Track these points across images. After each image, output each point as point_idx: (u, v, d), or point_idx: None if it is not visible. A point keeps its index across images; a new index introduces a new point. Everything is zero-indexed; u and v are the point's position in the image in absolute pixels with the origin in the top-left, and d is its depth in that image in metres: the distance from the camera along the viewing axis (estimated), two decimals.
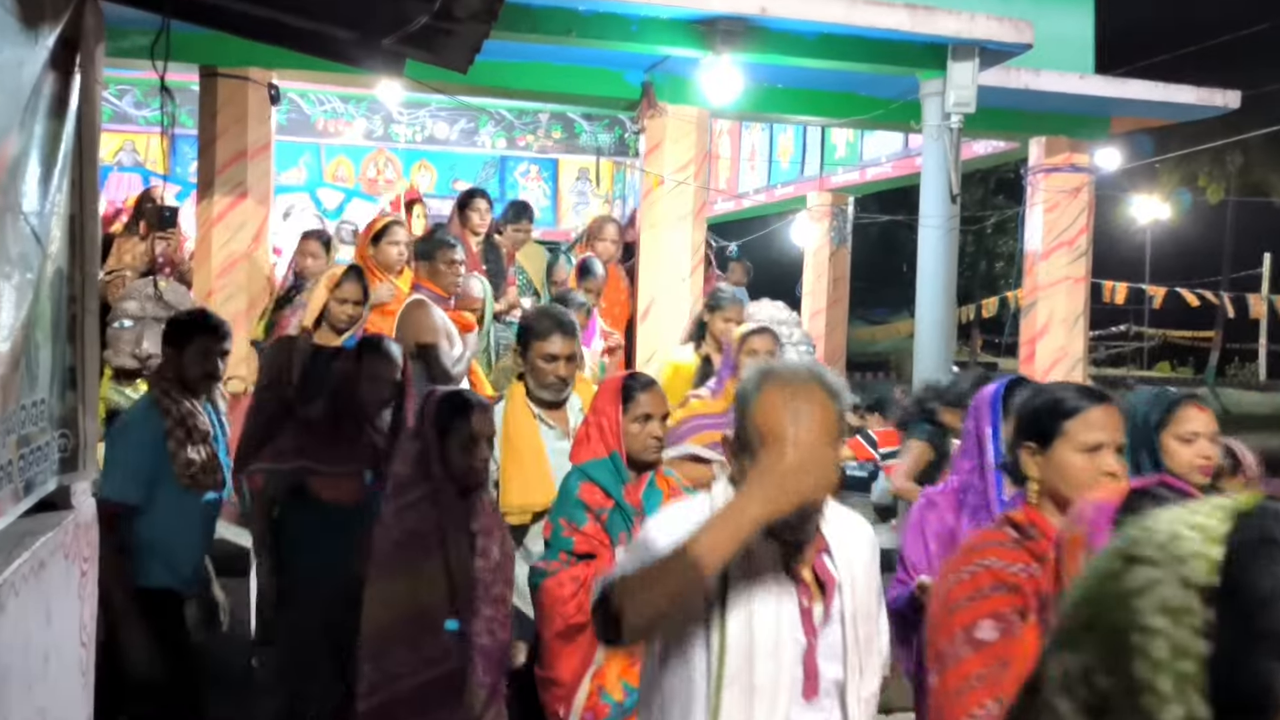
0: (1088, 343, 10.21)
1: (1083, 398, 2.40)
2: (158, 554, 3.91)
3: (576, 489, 3.37)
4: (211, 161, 7.53)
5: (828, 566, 2.21)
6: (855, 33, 7.15)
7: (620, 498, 3.36)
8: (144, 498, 3.87)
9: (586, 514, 3.33)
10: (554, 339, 4.01)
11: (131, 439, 3.97)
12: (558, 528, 3.36)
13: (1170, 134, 15.43)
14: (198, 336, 4.06)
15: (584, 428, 3.56)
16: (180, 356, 4.03)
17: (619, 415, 3.45)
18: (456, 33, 3.72)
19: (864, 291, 25.36)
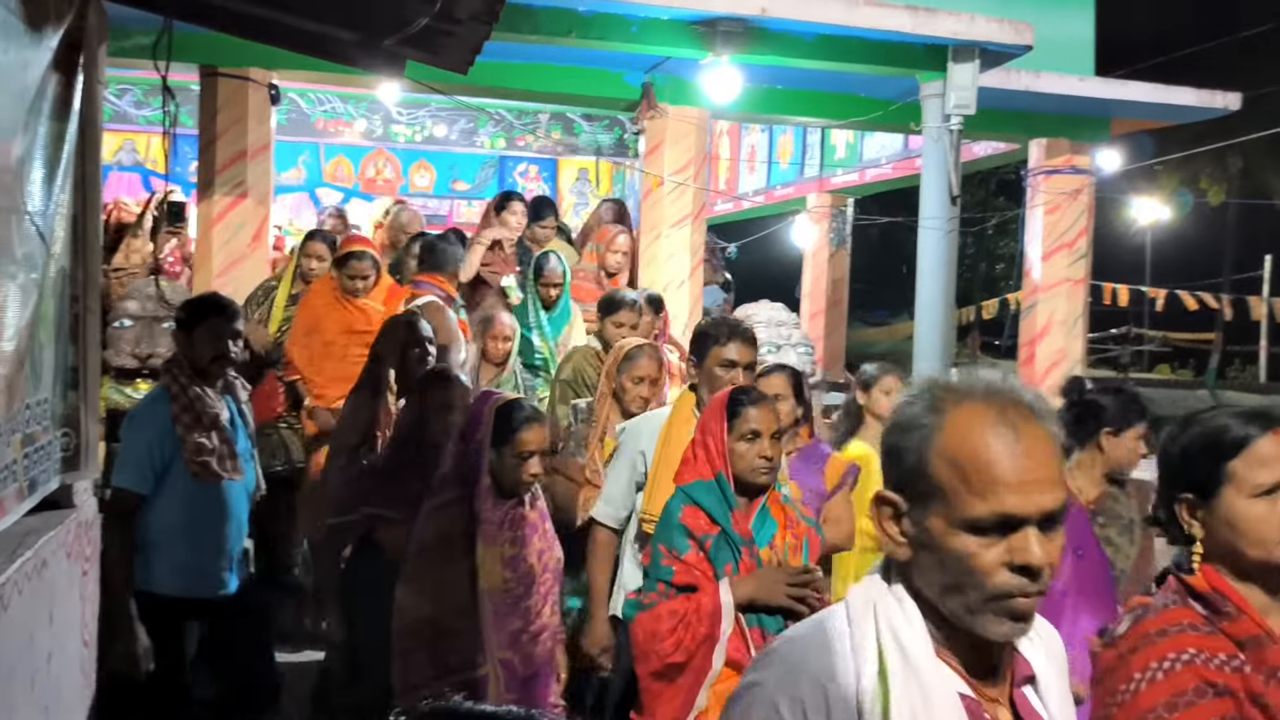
0: (1086, 344, 10.21)
1: (1248, 424, 1.92)
2: (163, 554, 3.79)
3: (679, 513, 3.11)
4: (211, 161, 7.54)
5: (1033, 705, 1.50)
6: (855, 34, 7.16)
7: (727, 524, 3.08)
8: (153, 486, 3.76)
9: (689, 541, 3.07)
10: (732, 345, 3.72)
11: (140, 425, 3.87)
12: (657, 555, 3.11)
13: (1170, 136, 15.42)
14: (207, 318, 3.93)
15: (690, 446, 3.29)
16: (190, 340, 3.92)
17: (724, 433, 3.16)
18: (457, 34, 3.73)
19: (864, 293, 25.38)
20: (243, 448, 4.01)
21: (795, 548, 3.11)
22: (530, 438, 3.37)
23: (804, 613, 2.83)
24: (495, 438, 3.36)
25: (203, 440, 3.80)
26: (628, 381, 4.53)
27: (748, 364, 3.74)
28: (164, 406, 3.83)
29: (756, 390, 3.37)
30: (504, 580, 3.31)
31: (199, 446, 3.79)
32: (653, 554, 3.12)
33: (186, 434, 3.78)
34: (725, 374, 3.68)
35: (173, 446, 3.78)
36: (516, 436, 3.35)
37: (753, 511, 3.13)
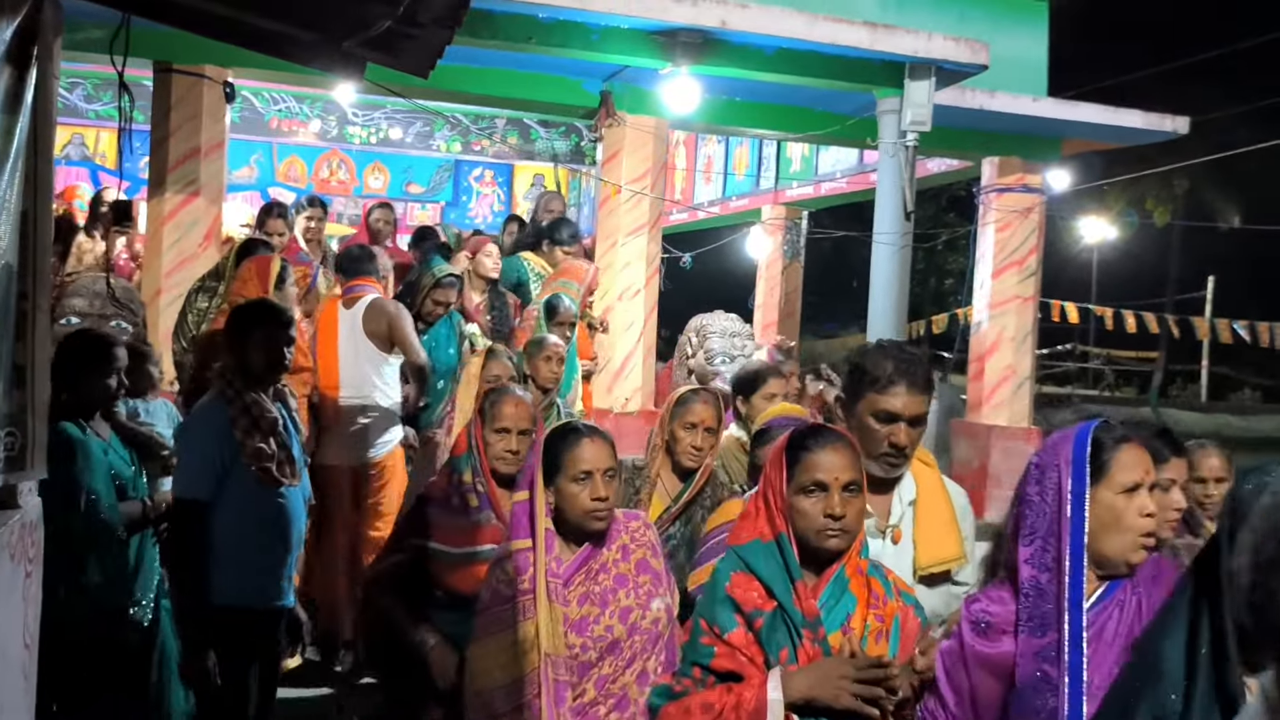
0: (1035, 361, 10.35)
1: None
2: (222, 563, 3.69)
3: (726, 580, 2.48)
4: (164, 158, 7.44)
5: None
6: (814, 48, 7.21)
7: (787, 599, 2.42)
8: (214, 493, 3.69)
9: (736, 617, 2.44)
10: (897, 392, 2.81)
11: (197, 433, 3.81)
12: (696, 631, 2.50)
13: (1119, 157, 15.69)
14: (262, 326, 3.89)
15: (753, 498, 2.61)
16: (244, 347, 3.87)
17: (783, 484, 2.48)
18: (419, 37, 3.69)
19: (815, 306, 25.55)
20: (296, 454, 3.95)
21: (879, 633, 2.44)
22: (587, 454, 2.85)
23: (873, 716, 2.32)
24: (548, 471, 2.87)
25: (262, 445, 3.75)
26: (680, 429, 3.90)
27: (913, 417, 2.83)
28: (220, 413, 3.77)
29: (828, 429, 2.62)
30: (569, 645, 2.76)
31: (259, 451, 3.74)
32: (692, 629, 2.53)
33: (245, 439, 3.73)
34: (881, 428, 2.82)
35: (231, 453, 3.72)
36: (569, 456, 2.85)
37: (823, 584, 2.46)
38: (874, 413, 2.83)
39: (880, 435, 2.82)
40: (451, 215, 12.36)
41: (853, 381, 2.93)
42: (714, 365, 6.40)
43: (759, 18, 6.97)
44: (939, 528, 2.88)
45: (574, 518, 2.85)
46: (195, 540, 3.66)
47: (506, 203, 12.82)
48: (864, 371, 2.88)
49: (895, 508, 2.88)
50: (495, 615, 2.87)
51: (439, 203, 12.58)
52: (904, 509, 2.88)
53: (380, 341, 5.95)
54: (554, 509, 2.87)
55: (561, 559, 2.84)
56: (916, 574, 2.82)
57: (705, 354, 6.57)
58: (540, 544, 2.84)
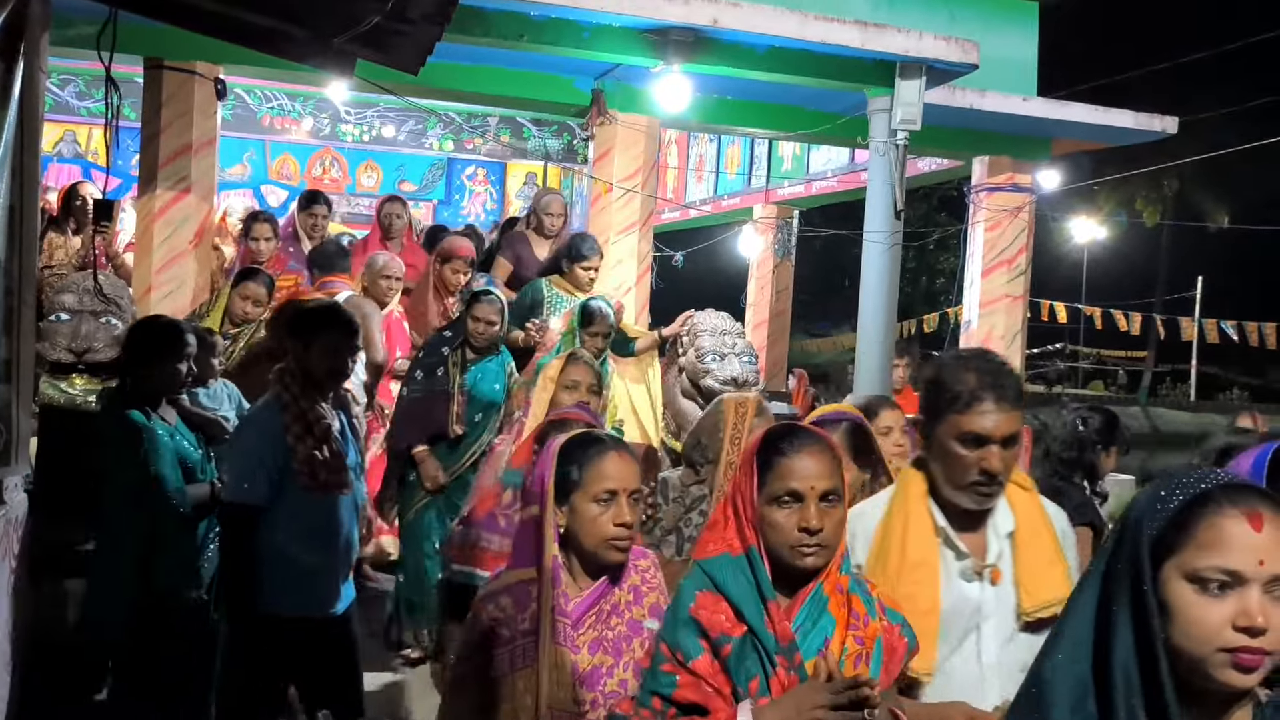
0: (1025, 360, 10.37)
1: None
2: (272, 571, 3.65)
3: (691, 600, 2.17)
4: (155, 155, 7.42)
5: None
6: (806, 47, 7.21)
7: (758, 622, 2.14)
8: (267, 497, 3.64)
9: (700, 642, 2.15)
10: (985, 409, 2.42)
11: (250, 436, 3.79)
12: (658, 658, 2.18)
13: (1109, 157, 15.74)
14: (326, 331, 3.84)
15: (721, 505, 2.32)
16: (307, 352, 3.82)
17: (754, 492, 2.20)
18: (409, 34, 3.70)
19: (807, 305, 25.59)
20: (352, 461, 3.91)
21: (858, 656, 2.18)
22: (614, 470, 2.44)
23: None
24: (561, 486, 2.45)
25: (313, 451, 3.70)
26: None
27: (1007, 437, 2.43)
28: (275, 416, 3.73)
29: (806, 431, 2.31)
30: (578, 700, 2.36)
31: (309, 457, 3.69)
32: (653, 655, 2.21)
33: (297, 444, 3.68)
34: (970, 453, 2.44)
35: (284, 457, 3.67)
36: (592, 470, 2.44)
37: (798, 604, 2.18)
38: (958, 436, 2.43)
39: (968, 462, 2.42)
40: (444, 214, 12.36)
41: (930, 401, 2.51)
42: (705, 363, 6.39)
43: (750, 16, 6.98)
44: (1043, 563, 2.49)
45: (590, 545, 2.42)
46: (245, 545, 3.62)
47: (499, 201, 12.82)
48: (942, 388, 2.47)
49: (991, 543, 2.50)
50: (486, 660, 2.42)
51: (432, 201, 12.58)
52: (1001, 543, 2.50)
53: None
54: (563, 533, 2.45)
55: (568, 594, 2.41)
56: (1021, 620, 2.47)
57: (696, 352, 6.56)
58: (547, 574, 2.41)
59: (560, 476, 2.46)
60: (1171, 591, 1.48)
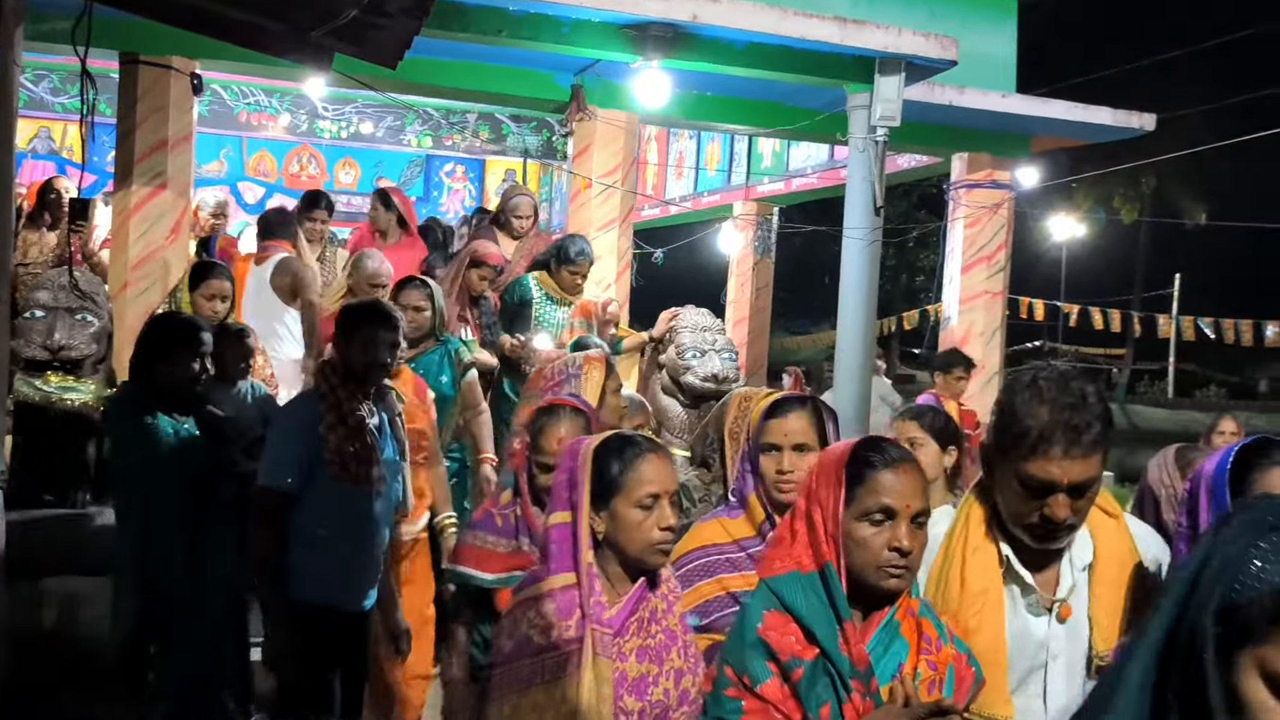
0: (1004, 358, 10.41)
1: None
2: (300, 559, 3.69)
3: (758, 620, 2.05)
4: (130, 151, 7.37)
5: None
6: (785, 43, 7.21)
7: (832, 644, 2.01)
8: (298, 486, 3.69)
9: (769, 665, 2.01)
10: (1053, 455, 2.09)
11: (285, 424, 3.85)
12: (721, 681, 2.06)
13: (1087, 154, 15.81)
14: (367, 324, 3.89)
15: (788, 520, 2.17)
16: (348, 345, 3.88)
17: (839, 506, 2.07)
18: (387, 27, 3.69)
19: (787, 303, 25.66)
20: (389, 458, 3.92)
21: (931, 682, 2.07)
22: (654, 473, 2.35)
23: None
24: (599, 490, 2.36)
25: (345, 442, 3.74)
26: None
27: (1079, 485, 2.11)
28: (312, 406, 3.79)
29: (898, 447, 2.18)
30: (625, 710, 2.27)
31: (340, 448, 3.73)
32: (716, 679, 2.08)
33: (329, 434, 3.72)
34: (1032, 502, 2.14)
35: (316, 446, 3.71)
36: (632, 474, 2.34)
37: (873, 627, 2.08)
38: (1021, 480, 2.12)
39: (1031, 506, 2.13)
40: (423, 210, 12.32)
41: (996, 430, 2.20)
42: (685, 360, 6.38)
43: (730, 12, 6.98)
44: (1124, 601, 2.22)
45: (635, 551, 2.33)
46: (276, 530, 3.66)
47: (478, 198, 12.78)
48: (1012, 419, 2.13)
49: (1065, 575, 2.22)
50: (524, 669, 2.31)
51: (411, 198, 12.52)
52: (1076, 577, 2.22)
53: (283, 294, 6.45)
54: (601, 539, 2.36)
55: (604, 602, 2.31)
56: (1095, 661, 2.20)
57: (676, 349, 6.55)
58: (585, 581, 2.31)
59: (597, 480, 2.36)
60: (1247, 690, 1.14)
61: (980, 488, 2.28)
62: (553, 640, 2.29)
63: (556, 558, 2.37)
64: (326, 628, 3.71)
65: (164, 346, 4.04)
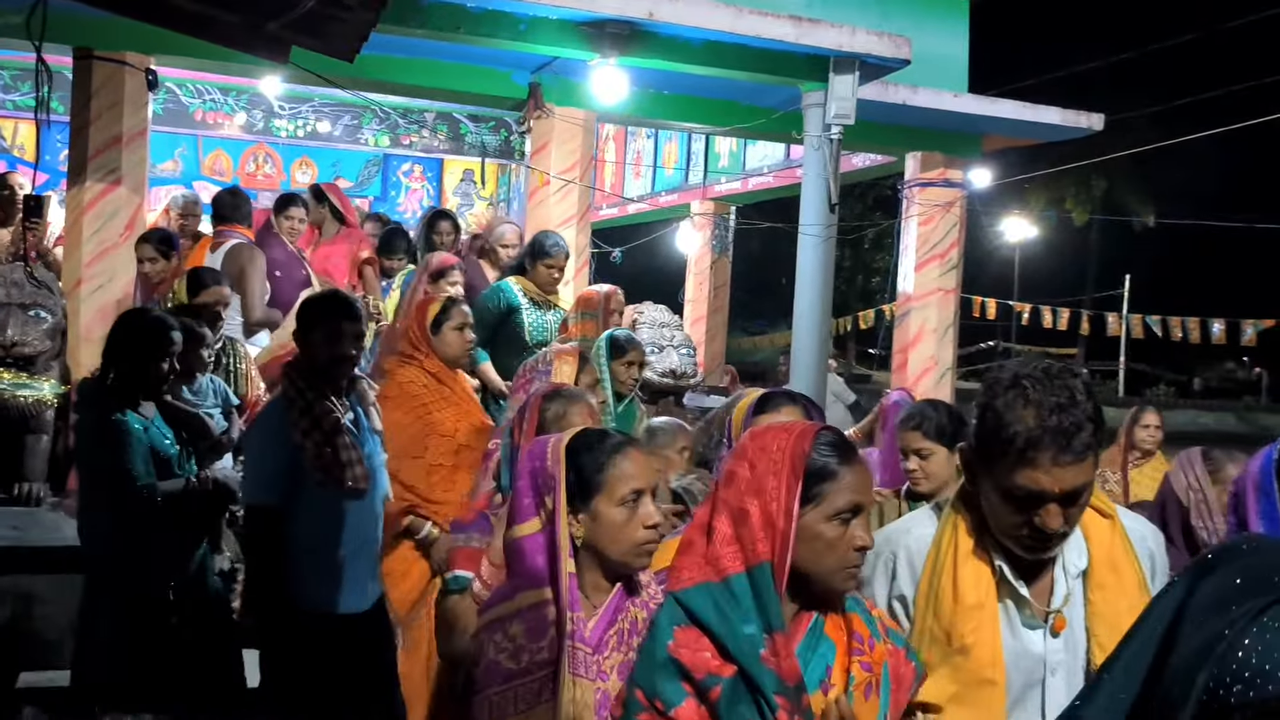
0: (957, 353, 10.54)
1: None
2: (293, 567, 3.59)
3: (669, 637, 1.88)
4: (84, 147, 7.31)
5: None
6: (740, 41, 7.28)
7: (751, 659, 1.83)
8: (282, 497, 3.57)
9: (682, 685, 1.84)
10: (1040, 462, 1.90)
11: (258, 436, 3.73)
12: (632, 704, 1.89)
13: (1038, 155, 16.04)
14: (326, 319, 3.74)
15: (702, 519, 1.97)
16: (308, 342, 3.74)
17: (794, 502, 1.88)
18: (344, 20, 3.70)
19: (744, 303, 25.76)
20: (369, 453, 3.80)
21: (866, 685, 1.92)
22: (635, 467, 2.16)
23: None
24: (574, 491, 2.15)
25: (323, 447, 3.60)
26: None
27: (1070, 493, 1.92)
28: (281, 413, 3.65)
29: (845, 438, 2.03)
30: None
31: (319, 453, 3.58)
32: (626, 702, 1.91)
33: (304, 440, 3.58)
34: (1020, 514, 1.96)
35: (292, 454, 3.58)
36: (612, 471, 2.15)
37: (800, 631, 1.93)
38: (1005, 491, 1.95)
39: (1018, 519, 1.96)
40: (380, 210, 12.27)
41: (981, 434, 1.98)
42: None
43: (685, 10, 7.03)
44: (1122, 607, 2.02)
45: (617, 554, 2.12)
46: (268, 544, 3.57)
47: (435, 198, 12.74)
48: (995, 424, 1.94)
49: (1059, 583, 2.06)
50: (495, 699, 2.09)
51: (368, 197, 12.48)
52: (1071, 585, 2.06)
53: (232, 281, 6.21)
54: (579, 545, 2.14)
55: (582, 616, 2.09)
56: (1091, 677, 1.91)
57: None
58: (564, 594, 2.08)
59: (572, 480, 2.14)
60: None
61: (964, 494, 2.10)
62: (524, 665, 2.07)
63: (527, 572, 2.13)
64: (322, 634, 3.63)
65: (135, 344, 3.97)
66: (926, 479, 3.44)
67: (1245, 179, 30.51)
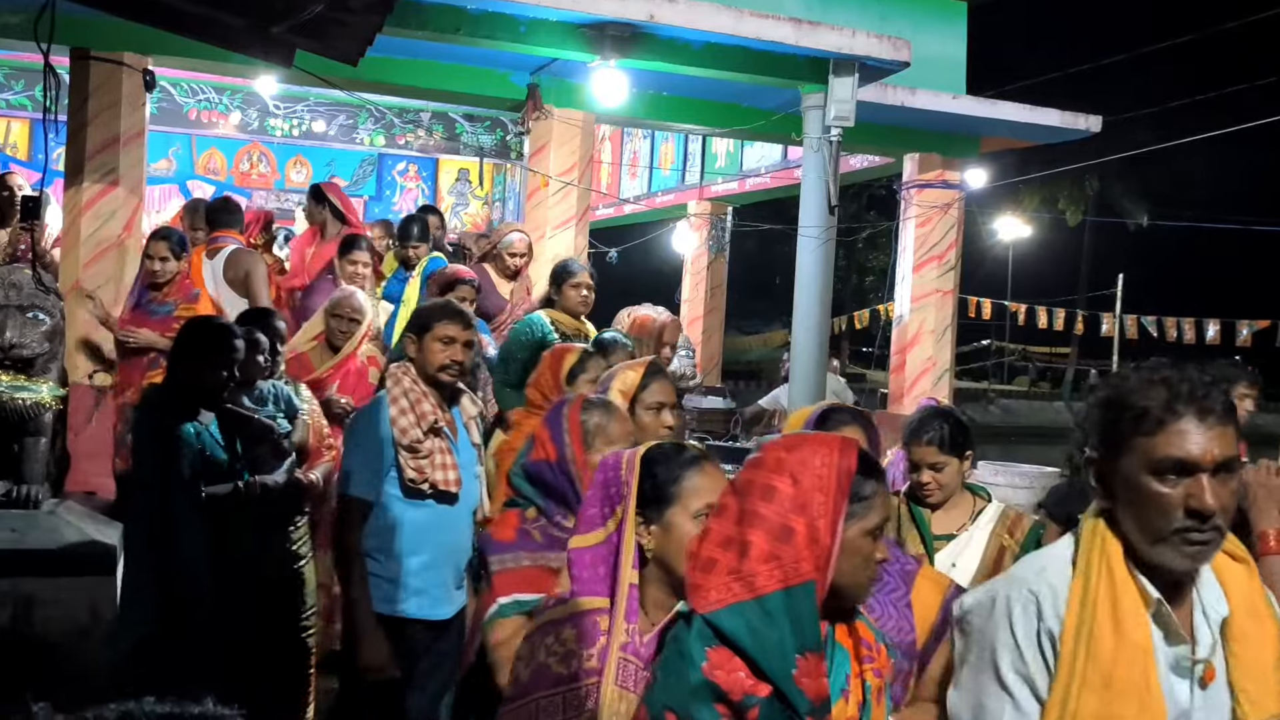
0: (954, 354, 10.56)
1: None
2: (378, 568, 3.61)
3: (702, 659, 1.79)
4: (81, 147, 7.29)
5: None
6: (741, 43, 7.28)
7: (788, 681, 1.76)
8: (373, 494, 3.61)
9: (717, 708, 1.77)
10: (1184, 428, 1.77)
11: (360, 431, 3.74)
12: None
13: (1034, 156, 16.05)
14: (439, 324, 3.75)
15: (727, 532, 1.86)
16: (419, 347, 3.77)
17: (840, 518, 1.83)
18: (349, 23, 3.68)
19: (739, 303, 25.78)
20: (465, 461, 3.81)
21: (880, 691, 1.93)
22: (712, 483, 2.10)
23: None
24: (647, 501, 2.11)
25: (419, 447, 3.65)
26: None
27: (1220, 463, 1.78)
28: (383, 412, 3.68)
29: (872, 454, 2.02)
30: None
31: (415, 453, 3.64)
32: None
33: (402, 438, 3.63)
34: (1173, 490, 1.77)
35: (390, 453, 3.63)
36: (689, 484, 2.10)
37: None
38: (1152, 467, 1.76)
39: (1170, 501, 1.75)
40: (375, 210, 12.24)
41: (1106, 429, 1.84)
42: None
43: (686, 12, 7.02)
44: (1268, 662, 1.83)
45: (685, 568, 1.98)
46: (352, 539, 3.60)
47: (430, 197, 12.72)
48: (1123, 407, 1.81)
49: (1201, 629, 1.83)
50: (540, 704, 2.03)
51: (362, 197, 12.45)
52: (1213, 634, 1.84)
53: (238, 287, 6.38)
54: (650, 557, 2.07)
55: (640, 630, 2.02)
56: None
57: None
58: (621, 606, 2.02)
59: (647, 489, 2.10)
60: None
61: (1101, 513, 1.87)
62: (573, 670, 2.00)
63: (587, 580, 2.09)
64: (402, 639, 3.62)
65: (196, 351, 4.03)
66: (940, 489, 3.43)
67: (1241, 180, 30.62)
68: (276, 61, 4.22)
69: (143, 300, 6.09)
